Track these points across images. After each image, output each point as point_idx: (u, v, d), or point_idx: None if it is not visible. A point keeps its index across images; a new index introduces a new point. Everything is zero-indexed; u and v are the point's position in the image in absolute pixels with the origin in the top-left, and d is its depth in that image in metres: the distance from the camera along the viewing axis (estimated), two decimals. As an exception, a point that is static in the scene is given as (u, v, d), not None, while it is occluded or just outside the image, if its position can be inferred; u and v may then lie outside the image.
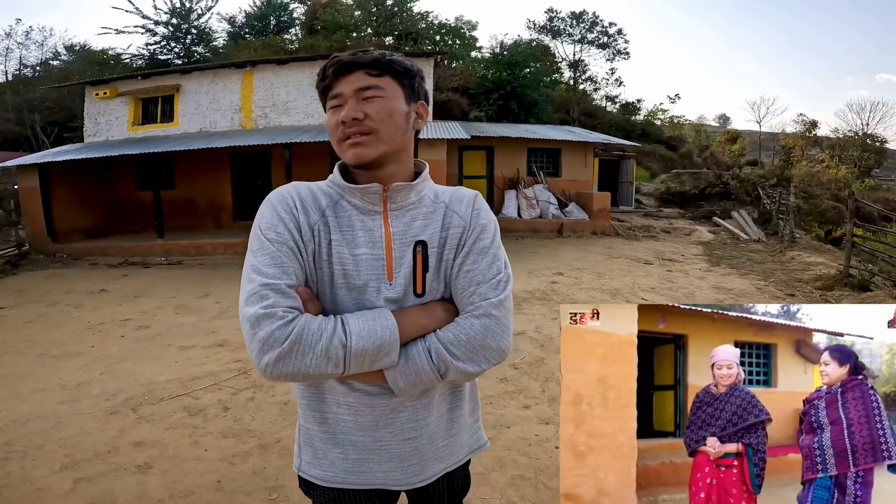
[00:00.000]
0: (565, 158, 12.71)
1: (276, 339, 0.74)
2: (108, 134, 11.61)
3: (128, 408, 3.22)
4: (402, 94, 0.87)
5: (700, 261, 8.48)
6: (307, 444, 0.92)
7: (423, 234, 0.86)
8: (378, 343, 0.77)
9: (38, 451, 2.70)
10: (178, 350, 4.35)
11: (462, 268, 0.85)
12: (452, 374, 0.81)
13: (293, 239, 0.81)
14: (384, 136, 0.84)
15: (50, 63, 24.24)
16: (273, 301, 0.75)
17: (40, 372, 3.92)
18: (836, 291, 6.26)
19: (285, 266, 0.79)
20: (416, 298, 0.84)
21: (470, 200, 0.90)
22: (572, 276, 6.95)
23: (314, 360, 0.74)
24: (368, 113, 0.83)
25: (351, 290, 0.83)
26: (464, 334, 0.80)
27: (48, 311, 5.85)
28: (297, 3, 25.78)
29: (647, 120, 30.71)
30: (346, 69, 0.85)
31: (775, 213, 12.45)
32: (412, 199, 0.88)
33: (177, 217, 10.73)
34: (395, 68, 0.86)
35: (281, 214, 0.82)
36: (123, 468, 2.52)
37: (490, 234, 0.87)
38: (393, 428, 0.86)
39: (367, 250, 0.84)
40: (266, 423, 2.99)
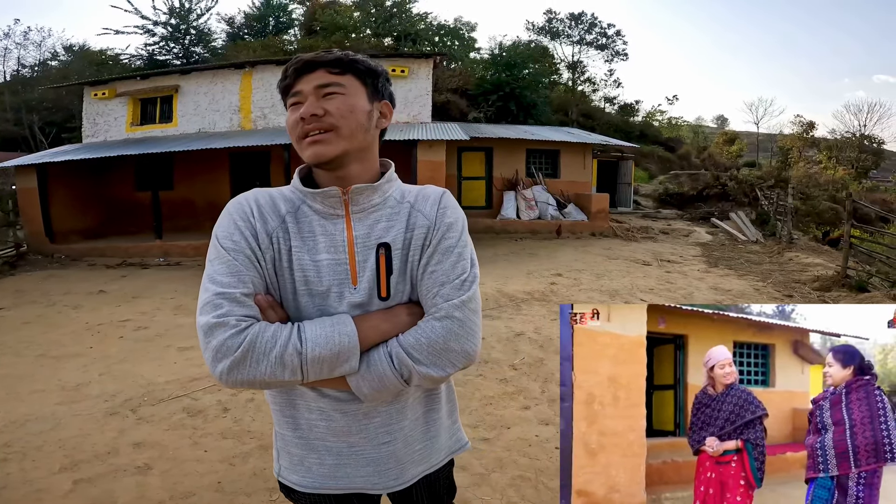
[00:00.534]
0: (564, 160, 12.73)
1: (229, 347, 0.74)
2: (106, 134, 11.59)
3: (127, 409, 3.22)
4: (364, 93, 0.86)
5: (698, 262, 8.50)
6: (283, 449, 0.91)
7: (386, 236, 0.84)
8: (336, 350, 0.76)
9: (37, 452, 2.70)
10: (177, 351, 4.34)
11: (426, 268, 0.82)
12: (416, 378, 0.79)
13: (250, 247, 0.80)
14: (345, 134, 0.82)
15: (48, 63, 24.21)
16: (227, 310, 0.75)
17: (39, 373, 3.91)
18: (833, 292, 6.28)
19: (241, 275, 0.78)
20: (381, 302, 0.82)
21: (436, 199, 0.87)
22: (571, 277, 6.97)
23: (269, 367, 0.74)
24: (328, 109, 0.82)
25: (313, 297, 0.81)
26: (425, 338, 0.78)
27: (46, 311, 5.83)
28: (296, 3, 25.80)
29: (645, 121, 30.82)
30: (308, 68, 0.84)
31: (773, 215, 12.49)
32: (375, 201, 0.86)
33: (175, 218, 10.70)
34: (357, 67, 0.85)
35: (237, 222, 0.82)
36: (123, 469, 2.51)
37: (456, 233, 0.85)
38: (367, 433, 0.85)
39: (329, 255, 0.82)
40: (266, 423, 2.99)
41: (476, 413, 3.05)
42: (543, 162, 12.85)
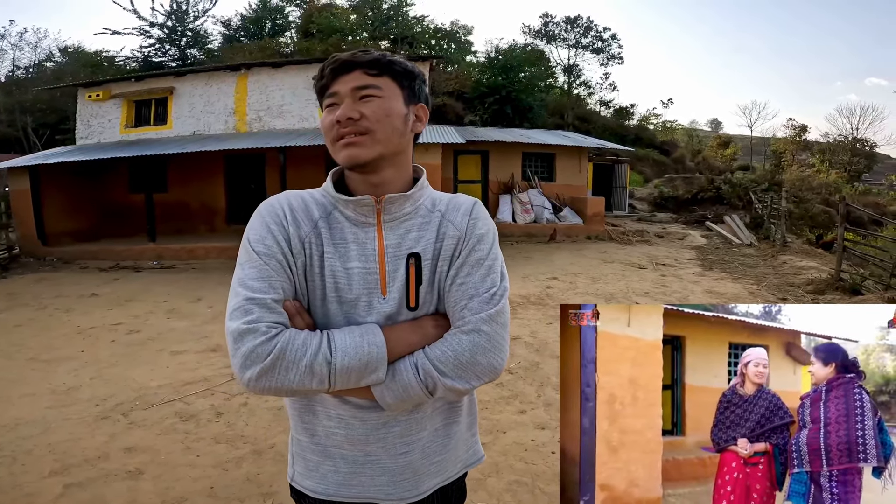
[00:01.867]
0: (560, 163, 12.79)
1: (259, 354, 0.73)
2: (100, 136, 11.52)
3: (118, 413, 3.18)
4: (401, 96, 0.84)
5: (693, 265, 8.55)
6: (299, 455, 0.90)
7: (416, 246, 0.83)
8: (364, 360, 0.75)
9: (27, 456, 2.66)
10: (169, 355, 4.30)
11: (455, 280, 0.82)
12: (441, 390, 0.79)
13: (282, 252, 0.79)
14: (380, 138, 0.81)
15: (43, 65, 23.96)
16: (257, 316, 0.74)
17: (30, 376, 3.87)
18: (827, 295, 6.32)
19: (272, 280, 0.77)
20: (409, 312, 0.82)
21: (467, 209, 0.86)
22: (567, 280, 6.98)
23: (298, 375, 0.73)
24: (364, 113, 0.81)
25: (342, 304, 0.81)
26: (451, 351, 0.78)
27: (38, 315, 5.77)
28: (292, 6, 25.79)
29: (640, 124, 30.98)
30: (345, 68, 0.82)
31: (767, 218, 12.58)
32: (407, 210, 0.85)
33: (169, 220, 10.63)
34: (395, 69, 0.84)
35: (270, 226, 0.81)
36: (114, 474, 2.48)
37: (487, 245, 0.84)
38: (384, 442, 0.84)
39: (359, 264, 0.81)
40: (259, 428, 2.97)
41: (471, 417, 3.03)
42: (539, 165, 12.90)
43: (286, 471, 2.76)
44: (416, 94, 0.87)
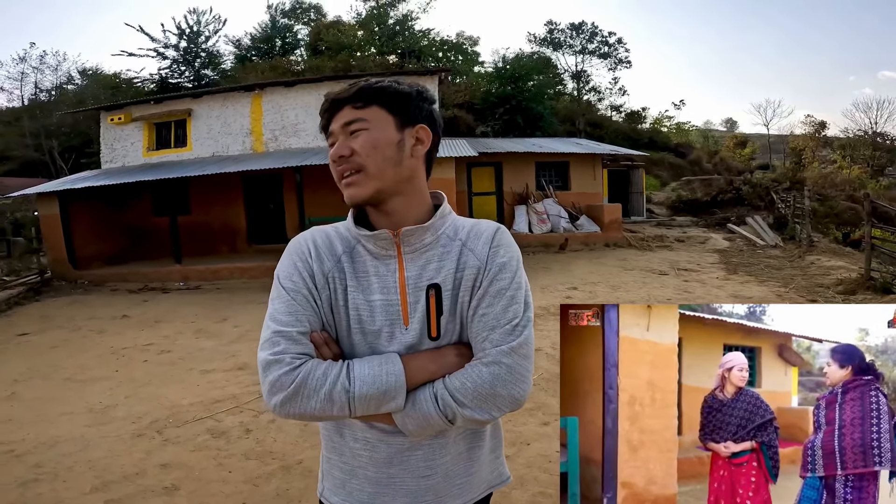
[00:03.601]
0: (574, 171, 12.75)
1: (283, 383, 0.78)
2: (124, 160, 11.86)
3: (153, 430, 3.28)
4: (391, 122, 0.84)
5: (717, 269, 8.39)
6: (328, 472, 0.95)
7: (437, 277, 0.84)
8: (382, 388, 0.78)
9: (68, 472, 2.77)
10: (199, 374, 4.43)
11: (477, 311, 0.82)
12: (460, 421, 0.80)
13: (307, 287, 0.83)
14: (373, 172, 0.82)
15: (64, 87, 24.42)
16: (283, 348, 0.79)
17: (67, 395, 4.02)
18: (858, 295, 6.15)
19: (298, 314, 0.82)
20: (431, 342, 0.83)
21: (489, 237, 0.85)
22: (587, 290, 6.93)
23: (318, 403, 0.77)
24: (354, 148, 0.82)
25: (366, 335, 0.84)
26: (471, 382, 0.79)
27: (72, 336, 5.99)
28: (300, 24, 26.34)
29: (653, 128, 30.70)
30: (335, 107, 0.85)
31: (791, 218, 12.30)
32: (427, 240, 0.85)
33: (193, 242, 10.83)
34: (383, 96, 0.84)
35: (296, 263, 0.85)
36: (151, 490, 2.57)
37: (509, 274, 0.83)
38: (408, 465, 0.86)
39: (381, 296, 0.84)
40: (288, 444, 3.03)
41: (495, 429, 3.04)
42: (553, 174, 12.88)
43: (314, 486, 2.81)
44: (413, 115, 0.86)
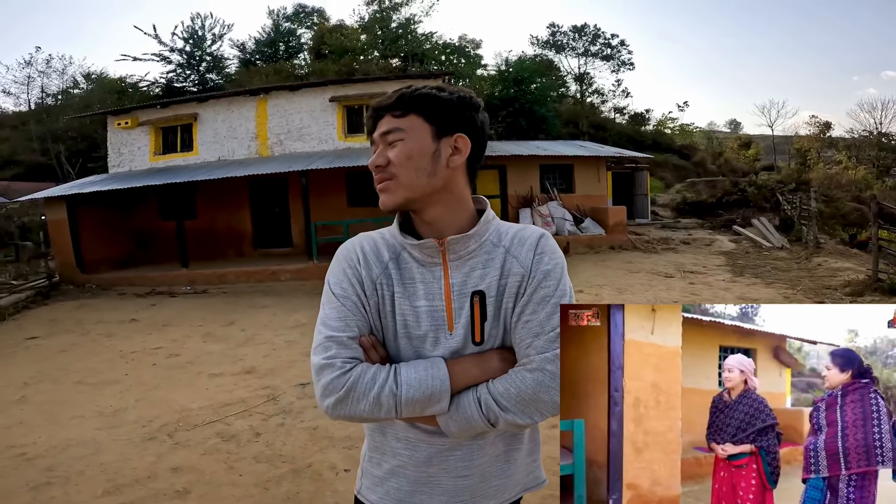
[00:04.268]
0: (578, 174, 12.73)
1: (335, 386, 0.81)
2: (131, 164, 11.94)
3: (164, 434, 3.30)
4: (428, 132, 0.85)
5: (723, 271, 8.36)
6: (368, 470, 0.96)
7: (481, 284, 0.85)
8: (428, 392, 0.81)
9: (79, 476, 2.78)
10: (208, 377, 4.44)
11: (521, 318, 0.84)
12: (502, 424, 0.83)
13: (356, 293, 0.86)
14: (403, 182, 0.84)
15: (70, 92, 24.41)
16: (334, 353, 0.82)
17: (77, 399, 4.04)
18: (866, 297, 6.12)
19: (348, 319, 0.84)
20: (475, 347, 0.86)
21: (532, 244, 0.87)
22: (592, 293, 6.92)
23: (367, 406, 0.80)
24: (390, 158, 0.84)
25: (411, 340, 0.86)
26: (514, 388, 0.81)
27: (81, 340, 6.03)
28: (303, 28, 26.43)
29: (657, 130, 30.65)
30: (377, 115, 0.87)
31: (797, 219, 12.24)
32: (472, 248, 0.87)
33: (199, 246, 10.87)
34: (419, 104, 0.85)
35: (346, 270, 0.88)
36: (163, 493, 2.58)
37: (553, 282, 0.85)
38: (446, 465, 0.88)
39: (427, 302, 0.86)
40: (297, 448, 3.04)
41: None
42: (557, 177, 12.87)
43: (324, 489, 2.80)
44: (452, 124, 0.87)
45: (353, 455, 2.90)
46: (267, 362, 4.77)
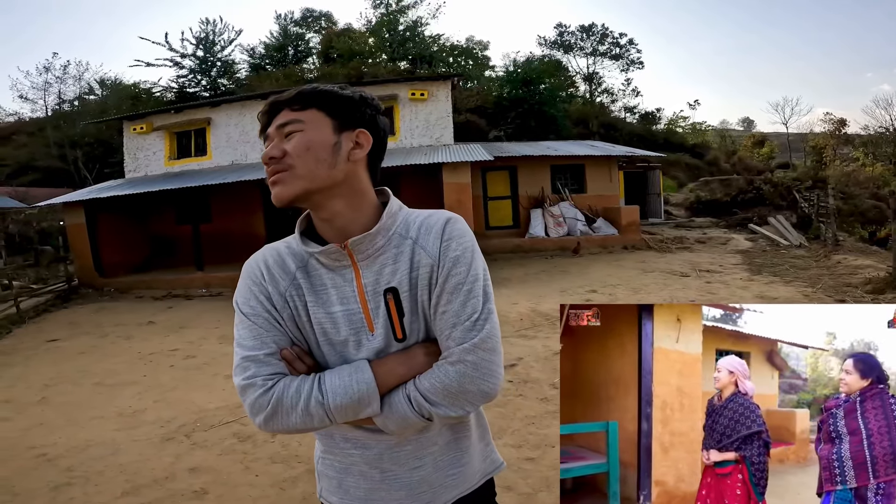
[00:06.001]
0: (589, 174, 12.63)
1: (260, 405, 0.79)
2: (146, 169, 12.14)
3: (182, 434, 3.33)
4: (329, 125, 0.83)
5: (740, 270, 8.22)
6: (323, 473, 0.96)
7: (393, 280, 0.84)
8: (356, 397, 0.80)
9: (99, 476, 2.82)
10: (224, 378, 4.47)
11: (437, 309, 0.83)
12: (437, 418, 0.82)
13: (265, 310, 0.84)
14: (301, 173, 0.81)
15: (86, 98, 24.75)
16: (253, 372, 0.81)
17: (96, 400, 4.10)
18: (887, 294, 5.98)
19: (263, 337, 0.83)
20: (398, 343, 0.84)
21: (438, 231, 0.84)
22: (606, 292, 6.85)
23: (298, 418, 0.79)
24: (286, 149, 0.82)
25: (334, 346, 0.85)
26: (439, 382, 0.80)
27: (100, 342, 6.13)
28: (312, 32, 26.64)
29: (668, 128, 30.36)
30: (274, 110, 0.85)
31: (815, 217, 12.02)
32: (379, 244, 0.84)
33: (214, 250, 10.95)
34: (320, 99, 0.84)
35: (251, 288, 0.86)
36: (181, 494, 2.60)
37: (463, 267, 0.82)
38: (398, 459, 0.88)
39: (342, 307, 0.84)
40: (312, 448, 2.97)
41: (519, 433, 3.02)
42: (569, 177, 12.78)
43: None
44: (353, 119, 0.85)
45: (369, 456, 2.90)
46: (281, 364, 4.79)
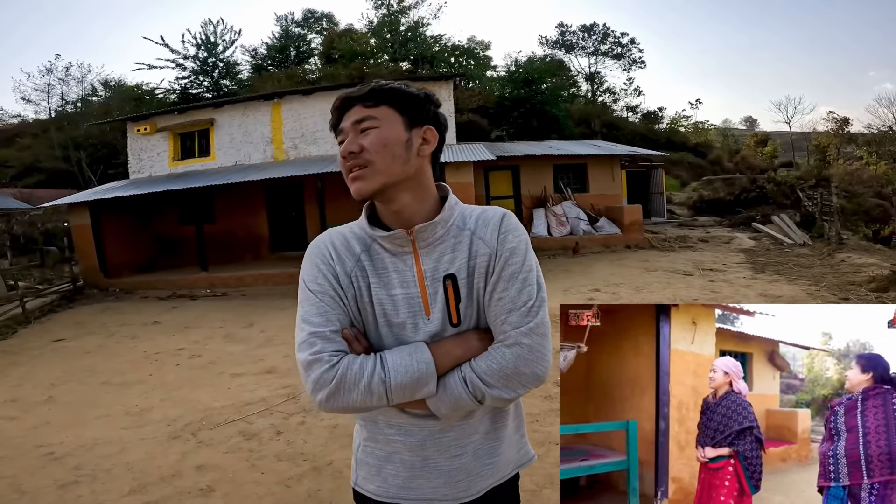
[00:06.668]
0: (592, 173, 12.63)
1: (325, 380, 0.82)
2: (150, 170, 12.17)
3: (188, 433, 3.35)
4: (400, 122, 0.88)
5: (743, 269, 8.20)
6: (363, 461, 0.98)
7: (451, 268, 0.88)
8: (415, 376, 0.83)
9: (106, 474, 2.84)
10: (229, 377, 4.50)
11: (493, 296, 0.87)
12: (489, 400, 0.85)
13: (333, 288, 0.88)
14: (380, 168, 0.86)
15: (89, 99, 24.80)
16: (320, 347, 0.84)
17: (103, 399, 4.13)
18: (891, 293, 5.96)
19: (329, 314, 0.86)
20: (452, 328, 0.88)
21: (496, 224, 0.90)
22: (609, 291, 6.84)
23: (359, 395, 0.82)
24: (364, 145, 0.86)
25: (392, 328, 0.88)
26: (496, 364, 0.84)
27: (106, 342, 6.16)
28: (313, 33, 26.62)
29: (670, 128, 30.31)
30: (347, 105, 0.89)
31: (818, 215, 11.98)
32: (439, 233, 0.89)
33: (218, 250, 11.02)
34: (393, 96, 0.88)
35: (319, 266, 0.89)
36: (188, 491, 2.61)
37: (519, 258, 0.88)
38: (440, 447, 0.91)
39: (402, 290, 0.88)
40: (317, 446, 3.06)
41: (524, 431, 3.03)
42: (571, 177, 12.78)
43: (344, 487, 2.80)
44: (421, 116, 0.90)
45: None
46: (287, 362, 4.82)
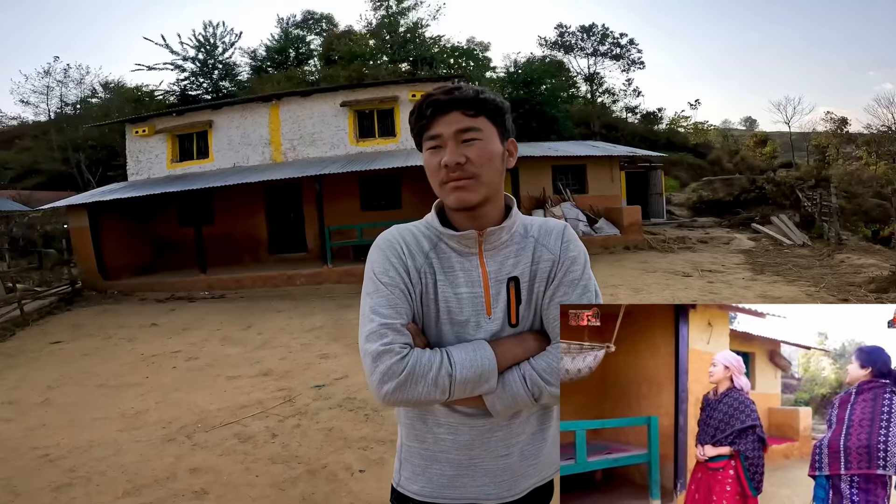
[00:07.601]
0: (591, 174, 12.63)
1: (395, 371, 0.83)
2: (149, 172, 12.15)
3: (183, 435, 3.33)
4: (496, 135, 0.90)
5: (743, 270, 8.20)
6: (407, 460, 0.98)
7: (515, 271, 0.92)
8: (479, 372, 0.85)
9: (101, 476, 2.83)
10: (226, 380, 4.49)
11: (553, 299, 0.91)
12: (545, 398, 0.88)
13: (403, 282, 0.89)
14: (485, 181, 0.88)
15: (88, 101, 24.72)
16: (391, 339, 0.85)
17: (99, 401, 4.11)
18: (891, 293, 5.94)
19: (398, 307, 0.87)
20: (511, 329, 0.91)
21: (559, 234, 0.95)
22: (608, 292, 6.83)
23: (425, 388, 0.83)
24: (470, 157, 0.87)
25: (454, 325, 0.91)
26: (556, 362, 0.87)
27: (103, 344, 6.15)
28: (313, 35, 26.61)
29: (670, 128, 30.30)
30: (443, 109, 0.87)
31: (818, 216, 11.97)
32: (504, 238, 0.93)
33: (217, 252, 11.00)
34: (489, 107, 0.89)
35: (391, 259, 0.91)
36: (182, 494, 2.60)
37: (580, 266, 0.93)
38: (488, 446, 0.92)
39: (467, 289, 0.91)
40: (312, 449, 3.04)
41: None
42: (570, 178, 12.78)
43: (338, 490, 2.78)
44: (508, 129, 0.94)
45: (368, 456, 2.90)
46: (283, 365, 4.81)
